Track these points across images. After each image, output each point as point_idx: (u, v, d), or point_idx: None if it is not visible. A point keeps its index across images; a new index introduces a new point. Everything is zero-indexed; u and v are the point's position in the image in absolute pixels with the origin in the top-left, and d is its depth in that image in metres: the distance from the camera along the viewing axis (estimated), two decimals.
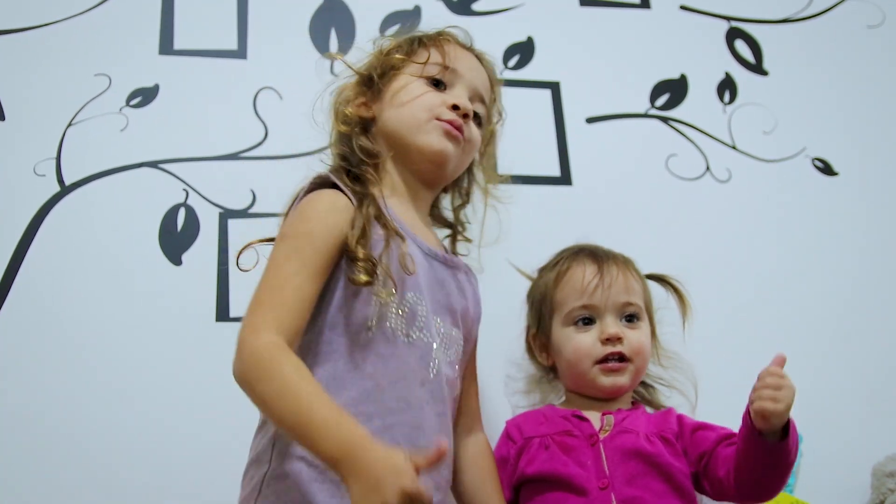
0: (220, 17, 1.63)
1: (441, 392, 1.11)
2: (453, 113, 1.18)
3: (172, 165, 1.51)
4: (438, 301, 1.15)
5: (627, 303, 1.28)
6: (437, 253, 1.18)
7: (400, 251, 1.09)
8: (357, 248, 1.05)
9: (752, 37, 1.84)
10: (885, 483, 1.44)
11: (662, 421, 1.24)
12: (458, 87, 1.21)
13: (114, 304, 1.42)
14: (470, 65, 1.25)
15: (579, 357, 1.26)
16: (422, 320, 1.10)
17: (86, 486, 1.32)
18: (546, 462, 1.20)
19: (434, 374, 1.10)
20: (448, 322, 1.16)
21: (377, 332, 1.07)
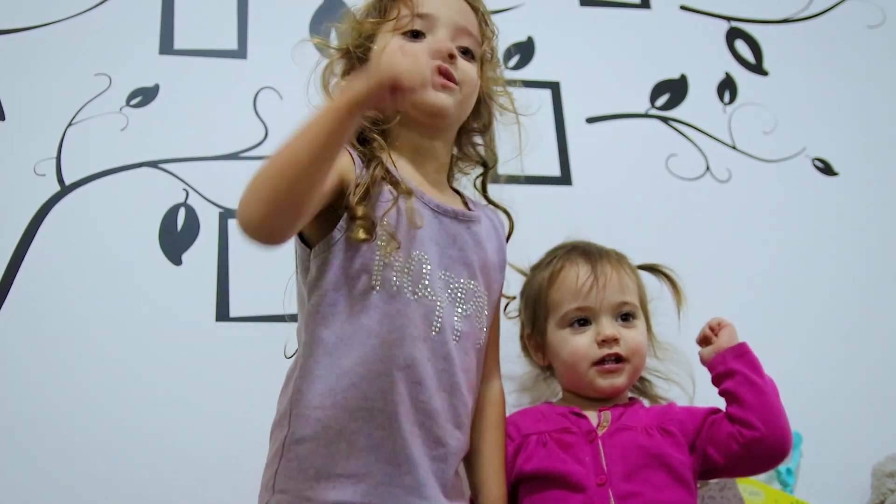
0: (221, 16, 1.63)
1: (444, 348, 1.11)
2: (437, 60, 1.16)
3: (172, 165, 1.51)
4: (451, 256, 1.15)
5: (623, 302, 1.28)
6: (448, 209, 1.17)
7: (408, 206, 1.10)
8: (357, 206, 1.05)
9: (753, 37, 1.84)
10: (885, 483, 1.44)
11: (663, 414, 1.24)
12: (437, 31, 1.19)
13: (114, 303, 1.42)
14: (444, 1, 1.21)
15: (576, 360, 1.26)
16: (427, 277, 1.10)
17: (85, 485, 1.32)
18: (544, 459, 1.20)
19: (436, 332, 1.10)
20: (465, 276, 1.16)
21: (381, 291, 1.07)
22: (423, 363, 1.08)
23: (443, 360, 1.11)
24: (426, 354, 1.09)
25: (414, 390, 1.07)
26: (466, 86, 1.19)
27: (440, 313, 1.11)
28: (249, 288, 1.46)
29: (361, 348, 1.06)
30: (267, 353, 1.31)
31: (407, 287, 1.09)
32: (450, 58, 1.17)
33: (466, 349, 1.15)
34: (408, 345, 1.07)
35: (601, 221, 1.57)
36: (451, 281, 1.15)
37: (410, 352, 1.07)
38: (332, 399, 1.05)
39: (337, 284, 1.07)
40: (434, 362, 1.10)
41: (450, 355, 1.11)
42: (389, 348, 1.06)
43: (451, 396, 1.12)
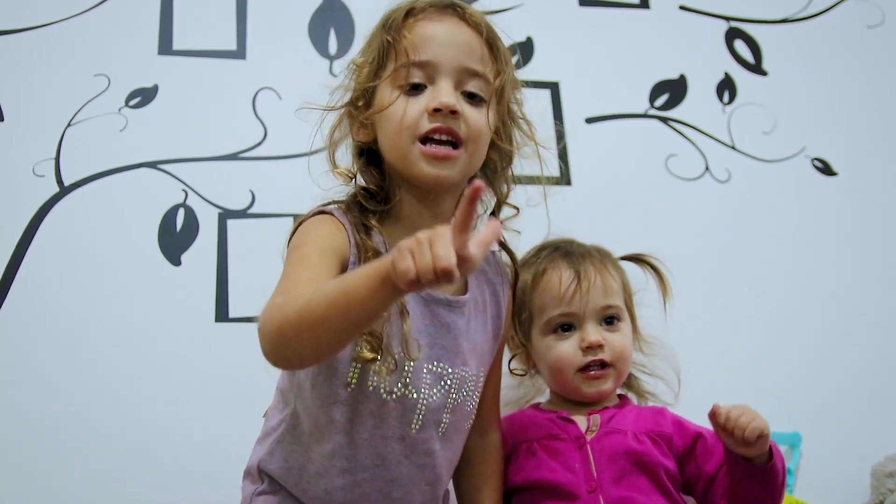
0: (220, 17, 1.63)
1: (426, 444, 1.08)
2: (437, 119, 1.04)
3: (171, 166, 1.51)
4: (444, 346, 1.09)
5: (607, 306, 1.26)
6: (441, 298, 1.09)
7: (402, 333, 1.03)
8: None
9: (752, 37, 1.84)
10: (884, 483, 1.44)
11: (653, 421, 1.23)
12: (438, 81, 1.06)
13: (113, 304, 1.42)
14: (444, 40, 1.07)
15: (561, 367, 1.25)
16: (408, 376, 1.05)
17: (84, 486, 1.32)
18: (534, 469, 1.18)
19: (417, 429, 1.07)
20: (458, 364, 1.11)
21: (357, 390, 1.03)
22: (399, 461, 1.06)
23: (424, 455, 1.08)
24: (403, 452, 1.07)
25: (386, 488, 1.06)
26: (472, 141, 1.07)
27: (421, 411, 1.07)
28: (248, 289, 1.46)
29: (329, 443, 1.04)
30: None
31: (384, 387, 1.04)
32: (452, 114, 1.05)
33: (452, 437, 1.13)
34: (378, 444, 1.05)
35: (601, 222, 1.57)
36: (444, 372, 1.09)
37: (381, 451, 1.05)
38: (298, 478, 1.06)
39: (315, 372, 1.04)
40: (413, 458, 1.08)
41: (431, 451, 1.09)
42: (357, 448, 1.05)
43: (433, 489, 1.11)
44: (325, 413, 1.04)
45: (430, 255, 0.75)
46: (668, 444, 1.19)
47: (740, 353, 1.57)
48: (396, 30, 1.09)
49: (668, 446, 1.19)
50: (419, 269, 0.75)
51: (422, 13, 1.09)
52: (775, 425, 1.49)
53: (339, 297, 0.84)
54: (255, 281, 1.44)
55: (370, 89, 1.10)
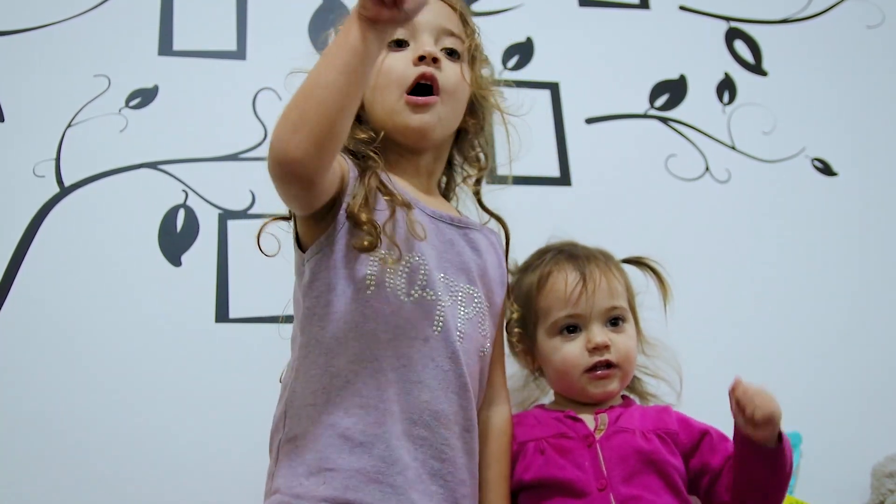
0: (220, 17, 1.63)
1: (450, 347, 1.10)
2: (420, 66, 1.14)
3: (172, 166, 1.51)
4: (449, 260, 1.15)
5: (612, 307, 1.27)
6: (444, 214, 1.18)
7: (407, 218, 1.09)
8: (360, 212, 1.05)
9: (752, 37, 1.84)
10: (884, 483, 1.44)
11: (658, 419, 1.23)
12: (419, 37, 1.17)
13: (113, 305, 1.42)
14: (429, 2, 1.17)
15: (567, 368, 1.25)
16: (423, 278, 1.09)
17: (85, 486, 1.32)
18: (543, 467, 1.19)
19: (439, 331, 1.09)
20: (463, 280, 1.16)
21: (376, 291, 1.06)
22: (424, 363, 1.08)
23: (449, 359, 1.10)
24: (428, 354, 1.08)
25: (415, 390, 1.07)
26: (451, 91, 1.18)
27: (441, 312, 1.10)
28: (249, 289, 1.46)
29: (354, 348, 1.05)
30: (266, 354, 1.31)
31: (402, 289, 1.08)
32: (434, 62, 1.15)
33: (471, 352, 1.14)
34: (402, 344, 1.07)
35: (600, 222, 1.57)
36: (451, 283, 1.14)
37: (405, 351, 1.07)
38: (326, 397, 1.05)
39: (330, 286, 1.07)
40: (439, 362, 1.09)
41: (455, 355, 1.10)
42: (384, 348, 1.06)
43: (460, 398, 1.11)
44: (347, 321, 1.06)
45: None
46: (674, 441, 1.20)
47: (740, 352, 1.57)
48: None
49: (674, 443, 1.20)
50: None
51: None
52: None
53: (326, 54, 0.96)
54: (256, 281, 1.45)
55: None
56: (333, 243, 1.07)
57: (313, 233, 1.09)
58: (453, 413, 1.10)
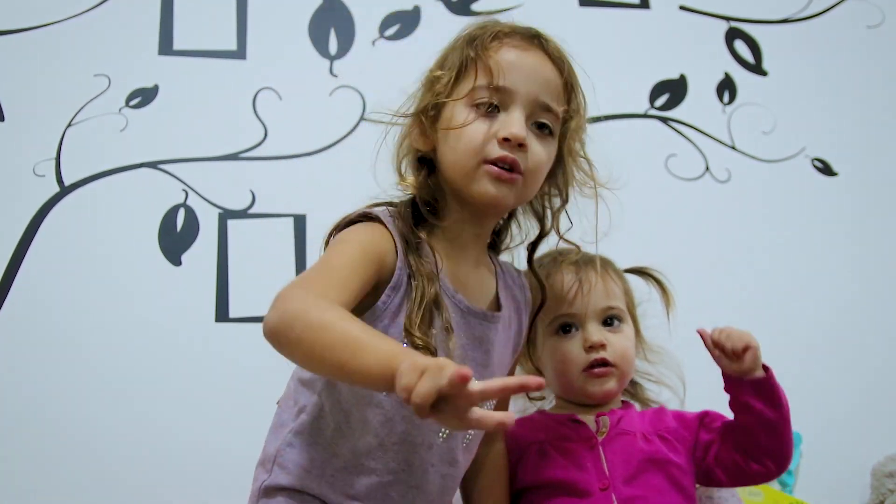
0: (220, 17, 1.63)
1: (451, 454, 1.09)
2: (505, 147, 1.05)
3: (172, 166, 1.51)
4: (473, 359, 1.10)
5: (608, 307, 1.28)
6: (477, 311, 1.11)
7: (446, 347, 1.03)
8: (418, 332, 0.99)
9: (752, 37, 1.84)
10: (884, 483, 1.44)
11: (657, 420, 1.24)
12: (512, 109, 1.07)
13: (113, 304, 1.42)
14: (528, 71, 1.09)
15: (565, 367, 1.26)
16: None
17: (85, 485, 1.32)
18: (546, 469, 1.19)
19: (443, 438, 1.08)
20: (485, 376, 1.09)
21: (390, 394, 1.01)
22: (425, 469, 1.07)
23: (448, 465, 1.10)
24: (429, 461, 1.07)
25: (410, 494, 1.06)
26: (532, 172, 1.08)
27: None
28: (249, 288, 1.46)
29: (360, 442, 1.04)
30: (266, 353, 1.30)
31: None
32: (519, 146, 1.06)
33: (472, 448, 1.14)
34: (406, 450, 1.06)
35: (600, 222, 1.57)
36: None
37: (408, 458, 1.06)
38: (321, 471, 1.05)
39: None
40: (439, 468, 1.09)
41: (455, 461, 1.10)
42: (387, 450, 1.05)
43: (450, 499, 1.12)
44: (359, 412, 1.04)
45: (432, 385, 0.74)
46: (676, 438, 1.21)
47: None
48: (483, 48, 1.09)
49: (676, 440, 1.21)
50: (414, 394, 0.75)
51: (508, 38, 1.11)
52: None
53: (345, 348, 0.85)
54: (256, 281, 1.46)
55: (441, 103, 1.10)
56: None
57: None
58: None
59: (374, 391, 0.99)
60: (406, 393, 0.75)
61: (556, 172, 1.18)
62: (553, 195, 1.23)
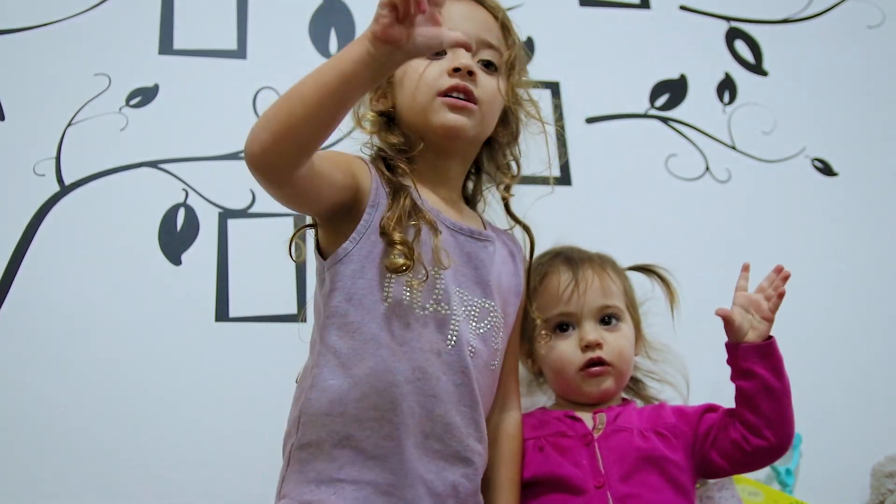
0: (220, 16, 1.63)
1: (462, 362, 1.11)
2: (455, 77, 1.16)
3: (172, 165, 1.51)
4: (465, 274, 1.16)
5: (604, 306, 1.29)
6: (464, 227, 1.18)
7: (434, 244, 1.10)
8: (393, 231, 1.07)
9: (752, 37, 1.84)
10: (884, 483, 1.44)
11: (656, 416, 1.24)
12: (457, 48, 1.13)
13: (113, 303, 1.42)
14: (465, 15, 1.21)
15: (562, 365, 1.27)
16: (440, 293, 1.10)
17: (85, 485, 1.32)
18: (541, 464, 1.20)
19: (452, 345, 1.10)
20: (478, 294, 1.16)
21: (391, 303, 1.08)
22: (437, 376, 1.09)
23: (461, 373, 1.11)
24: (441, 368, 1.09)
25: (429, 403, 1.07)
26: (486, 103, 1.19)
27: (455, 327, 1.11)
28: (249, 288, 1.46)
29: (371, 359, 1.06)
30: (267, 353, 1.31)
31: (417, 301, 1.09)
32: (469, 75, 1.16)
33: (481, 367, 1.15)
34: (418, 357, 1.08)
35: (601, 222, 1.58)
36: (465, 298, 1.14)
37: (421, 364, 1.08)
38: (342, 408, 1.05)
39: (349, 295, 1.08)
40: (451, 376, 1.10)
41: (467, 370, 1.11)
42: (398, 360, 1.07)
43: (472, 411, 1.12)
44: (363, 332, 1.06)
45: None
46: (674, 434, 1.21)
47: None
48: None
49: (674, 436, 1.20)
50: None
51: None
52: None
53: (318, 68, 0.95)
54: (256, 280, 1.45)
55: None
56: (351, 253, 1.08)
57: (333, 241, 1.10)
58: (465, 425, 1.11)
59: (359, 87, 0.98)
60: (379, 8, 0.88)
61: (507, 119, 1.29)
62: (509, 143, 1.33)
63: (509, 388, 1.27)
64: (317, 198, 1.05)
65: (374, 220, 1.09)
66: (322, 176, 1.02)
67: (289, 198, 1.04)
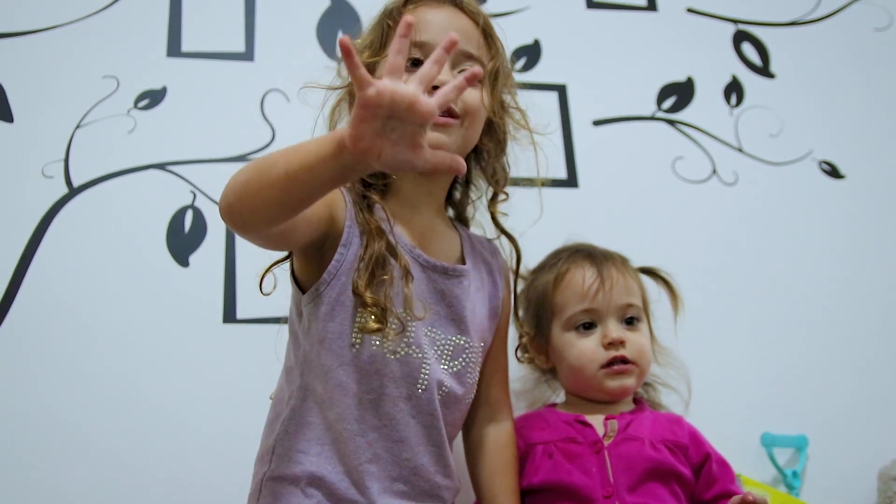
0: (228, 19, 1.63)
1: (430, 405, 1.10)
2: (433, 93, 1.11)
3: (180, 167, 1.52)
4: (437, 313, 1.13)
5: (628, 304, 1.28)
6: (437, 265, 1.14)
7: (405, 294, 1.07)
8: (365, 292, 1.03)
9: (759, 39, 1.84)
10: (891, 486, 1.43)
11: (669, 430, 1.23)
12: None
13: (121, 305, 1.42)
14: (444, 24, 1.13)
15: (583, 363, 1.25)
16: (410, 336, 1.08)
17: (92, 486, 1.32)
18: (551, 471, 1.19)
19: (423, 389, 1.09)
20: (452, 331, 1.15)
21: (360, 350, 1.06)
22: (406, 421, 1.08)
23: (429, 416, 1.11)
24: (410, 412, 1.09)
25: (395, 449, 1.08)
26: (469, 116, 1.13)
27: (426, 370, 1.10)
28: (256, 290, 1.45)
29: (339, 407, 1.06)
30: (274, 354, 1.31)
31: (388, 347, 1.07)
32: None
33: (450, 405, 1.14)
34: (386, 404, 1.07)
35: (608, 224, 1.57)
36: (437, 338, 1.13)
37: (389, 411, 1.07)
38: (319, 448, 1.06)
39: (321, 337, 1.07)
40: (420, 419, 1.10)
41: (436, 412, 1.11)
42: (365, 410, 1.07)
43: (439, 450, 1.12)
44: (333, 378, 1.06)
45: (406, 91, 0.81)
46: (684, 454, 1.20)
47: (746, 355, 1.57)
48: (397, 14, 1.14)
49: (684, 456, 1.20)
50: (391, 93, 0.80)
51: (420, 1, 1.16)
52: (783, 428, 1.51)
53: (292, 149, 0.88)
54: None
55: (371, 66, 1.12)
56: (322, 294, 1.06)
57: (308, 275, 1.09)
58: (432, 464, 1.11)
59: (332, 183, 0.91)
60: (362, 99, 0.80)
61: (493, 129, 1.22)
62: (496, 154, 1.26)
63: (499, 400, 1.27)
64: (293, 240, 1.03)
65: (346, 259, 1.06)
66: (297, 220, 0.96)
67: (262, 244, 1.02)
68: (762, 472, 1.48)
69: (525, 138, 1.27)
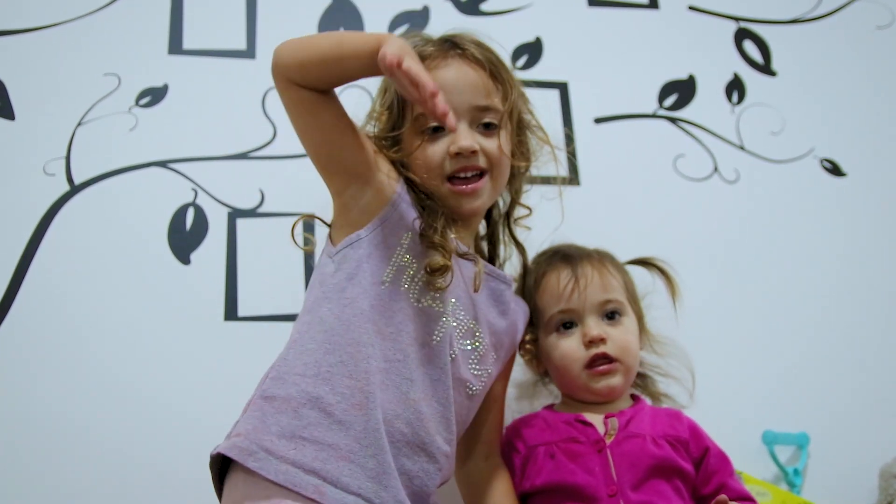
0: (230, 16, 1.63)
1: (441, 360, 1.12)
2: (459, 161, 1.16)
3: (181, 165, 1.52)
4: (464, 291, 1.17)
5: (606, 300, 1.27)
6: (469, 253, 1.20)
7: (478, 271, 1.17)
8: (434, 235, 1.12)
9: (761, 37, 1.84)
10: (892, 484, 1.44)
11: (669, 425, 1.23)
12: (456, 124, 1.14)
13: (123, 303, 1.42)
14: (454, 84, 1.16)
15: (567, 363, 1.25)
16: (436, 293, 1.13)
17: (93, 484, 1.32)
18: (553, 472, 1.18)
19: (437, 341, 1.12)
20: (469, 315, 1.18)
21: (389, 287, 1.10)
22: (417, 364, 1.10)
23: (439, 370, 1.12)
24: (420, 358, 1.11)
25: (404, 385, 1.08)
26: (495, 167, 1.18)
27: (444, 326, 1.13)
28: (258, 287, 1.46)
29: (356, 331, 1.07)
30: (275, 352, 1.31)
31: (413, 294, 1.11)
32: (471, 153, 1.16)
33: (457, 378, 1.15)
34: (403, 341, 1.09)
35: (609, 222, 1.57)
36: (458, 312, 1.16)
37: (403, 348, 1.09)
38: (316, 369, 1.06)
39: (351, 275, 1.10)
40: (428, 369, 1.11)
41: (445, 367, 1.12)
42: (383, 339, 1.08)
43: (444, 409, 1.12)
44: (355, 306, 1.09)
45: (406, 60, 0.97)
46: (685, 449, 1.20)
47: (749, 352, 1.57)
48: None
49: (685, 450, 1.20)
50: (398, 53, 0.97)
51: (427, 61, 1.17)
52: (784, 426, 1.51)
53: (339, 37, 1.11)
54: (265, 280, 1.46)
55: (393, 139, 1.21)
56: (363, 239, 1.11)
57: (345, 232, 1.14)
58: (434, 420, 1.10)
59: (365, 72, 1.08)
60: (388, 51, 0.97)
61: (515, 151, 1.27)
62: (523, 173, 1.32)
63: (494, 440, 1.28)
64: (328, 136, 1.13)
65: (393, 217, 1.13)
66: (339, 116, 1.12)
67: (295, 108, 1.14)
68: (763, 470, 1.48)
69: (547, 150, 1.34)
